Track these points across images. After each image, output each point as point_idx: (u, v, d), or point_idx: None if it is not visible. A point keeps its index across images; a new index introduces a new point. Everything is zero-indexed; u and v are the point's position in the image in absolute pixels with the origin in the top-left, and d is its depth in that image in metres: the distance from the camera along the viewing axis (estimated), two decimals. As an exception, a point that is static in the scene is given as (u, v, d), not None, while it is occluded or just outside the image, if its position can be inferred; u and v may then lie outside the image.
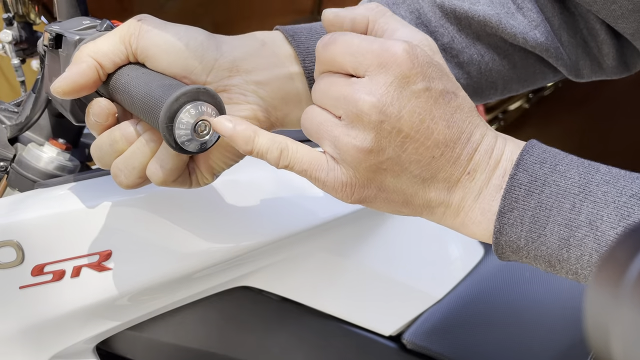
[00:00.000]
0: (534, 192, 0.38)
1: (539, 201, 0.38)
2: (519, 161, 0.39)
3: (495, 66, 0.57)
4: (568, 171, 0.38)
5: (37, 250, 0.55)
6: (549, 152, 0.40)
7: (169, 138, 0.41)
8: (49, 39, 0.49)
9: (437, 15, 0.56)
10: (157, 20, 0.47)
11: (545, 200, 0.38)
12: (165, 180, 0.46)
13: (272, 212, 0.63)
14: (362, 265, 0.71)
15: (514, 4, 0.56)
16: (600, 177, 0.38)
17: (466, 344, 0.76)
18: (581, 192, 0.38)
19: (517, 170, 0.39)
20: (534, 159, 0.39)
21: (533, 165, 0.39)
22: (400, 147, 0.39)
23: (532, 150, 0.40)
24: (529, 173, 0.39)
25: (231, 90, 0.47)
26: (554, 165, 0.39)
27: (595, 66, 0.60)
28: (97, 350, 0.64)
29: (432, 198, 0.41)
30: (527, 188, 0.38)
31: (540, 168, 0.39)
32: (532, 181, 0.38)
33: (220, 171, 0.48)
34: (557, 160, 0.39)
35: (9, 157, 0.61)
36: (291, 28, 0.51)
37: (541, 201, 0.38)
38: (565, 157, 0.39)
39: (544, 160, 0.39)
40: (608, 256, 0.22)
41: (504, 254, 0.40)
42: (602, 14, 0.53)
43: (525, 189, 0.39)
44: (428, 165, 0.39)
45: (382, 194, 0.41)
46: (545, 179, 0.38)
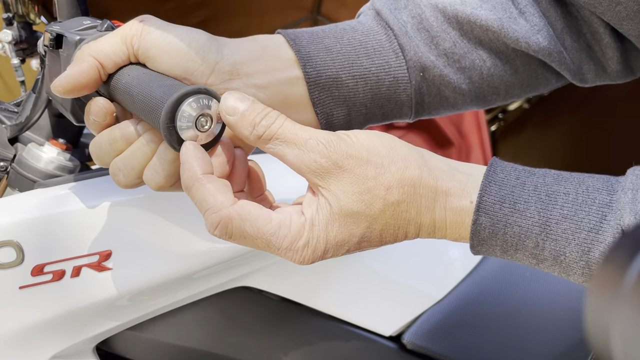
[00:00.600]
0: (497, 233, 0.40)
1: (504, 240, 0.41)
2: (478, 205, 0.40)
3: (497, 71, 0.57)
4: (527, 209, 0.40)
5: (37, 250, 0.55)
6: (506, 187, 0.41)
7: (169, 138, 0.41)
8: (49, 39, 0.49)
9: (439, 20, 0.55)
10: (159, 21, 0.47)
11: (510, 239, 0.40)
12: (162, 187, 0.46)
13: (272, 212, 0.63)
14: (362, 265, 0.71)
15: (516, 9, 0.55)
16: (558, 212, 0.39)
17: (466, 344, 0.76)
18: (542, 232, 0.39)
19: (479, 215, 0.40)
20: (492, 199, 0.40)
21: (493, 206, 0.40)
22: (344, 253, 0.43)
23: (489, 189, 0.41)
24: (490, 216, 0.40)
25: None
26: (513, 204, 0.40)
27: (599, 70, 0.59)
28: (97, 350, 0.64)
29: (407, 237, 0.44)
30: (490, 230, 0.41)
31: (500, 209, 0.40)
32: (494, 224, 0.40)
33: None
34: (515, 197, 0.40)
35: (9, 157, 0.61)
36: (292, 32, 0.52)
37: (506, 240, 0.41)
38: (522, 190, 0.40)
39: (503, 200, 0.40)
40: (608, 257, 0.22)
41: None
42: (606, 15, 0.52)
43: (489, 231, 0.41)
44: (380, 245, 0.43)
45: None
46: (507, 221, 0.40)
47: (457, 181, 0.42)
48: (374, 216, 0.41)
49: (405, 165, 0.41)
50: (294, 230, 0.41)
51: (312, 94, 0.51)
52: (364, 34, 0.53)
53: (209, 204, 0.40)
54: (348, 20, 0.56)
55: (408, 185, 0.41)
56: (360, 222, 0.41)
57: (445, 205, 0.41)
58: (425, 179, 0.41)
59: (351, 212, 0.40)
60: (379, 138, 0.42)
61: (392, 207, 0.41)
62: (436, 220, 0.42)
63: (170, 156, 0.44)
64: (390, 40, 0.54)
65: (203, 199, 0.40)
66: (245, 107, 0.41)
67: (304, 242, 0.41)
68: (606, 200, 0.38)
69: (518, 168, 0.42)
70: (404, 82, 0.54)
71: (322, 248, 0.41)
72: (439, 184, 0.41)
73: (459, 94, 0.57)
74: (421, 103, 0.56)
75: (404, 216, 0.41)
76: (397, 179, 0.40)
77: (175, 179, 0.46)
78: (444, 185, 0.41)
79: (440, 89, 0.56)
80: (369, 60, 0.53)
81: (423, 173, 0.41)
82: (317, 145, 0.40)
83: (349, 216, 0.40)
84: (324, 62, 0.51)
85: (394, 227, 0.42)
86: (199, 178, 0.40)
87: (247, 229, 0.40)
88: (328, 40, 0.52)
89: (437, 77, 0.55)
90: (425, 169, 0.41)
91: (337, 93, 0.52)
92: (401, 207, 0.41)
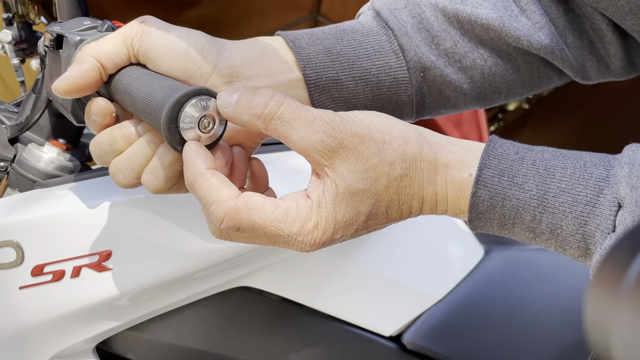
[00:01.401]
0: (496, 206, 0.41)
1: (502, 213, 0.41)
2: (477, 177, 0.41)
3: (498, 70, 0.57)
4: (525, 183, 0.40)
5: (37, 251, 0.55)
6: (505, 161, 0.41)
7: (170, 139, 0.41)
8: (50, 40, 0.49)
9: (439, 19, 0.55)
10: (159, 22, 0.47)
11: (508, 212, 0.41)
12: (160, 189, 0.46)
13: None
14: (362, 265, 0.71)
15: (518, 7, 0.55)
16: (556, 185, 0.39)
17: (466, 345, 0.76)
18: (540, 205, 0.40)
19: (478, 188, 0.41)
20: (491, 173, 0.41)
21: (492, 179, 0.41)
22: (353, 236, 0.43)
23: (489, 163, 0.41)
24: (489, 189, 0.41)
25: None
26: (511, 178, 0.40)
27: (602, 67, 0.59)
28: (97, 351, 0.64)
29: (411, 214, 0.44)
30: (489, 203, 0.41)
31: (499, 182, 0.40)
32: (493, 196, 0.41)
33: None
34: (514, 171, 0.40)
35: (9, 157, 0.61)
36: (292, 34, 0.51)
37: (504, 213, 0.41)
38: (521, 165, 0.41)
39: (502, 173, 0.41)
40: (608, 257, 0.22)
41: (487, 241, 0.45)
42: (609, 11, 0.52)
43: (487, 204, 0.41)
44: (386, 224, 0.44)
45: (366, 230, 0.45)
46: (505, 193, 0.40)
47: (456, 154, 0.42)
48: (379, 193, 0.41)
49: (405, 141, 0.41)
50: (302, 213, 0.41)
51: (312, 96, 0.51)
52: (364, 35, 0.53)
53: (213, 197, 0.40)
54: (348, 20, 0.56)
55: (410, 160, 0.41)
56: (367, 200, 0.41)
57: (446, 177, 0.42)
58: (425, 153, 0.42)
59: (357, 190, 0.40)
60: (377, 116, 0.42)
61: (396, 182, 0.41)
62: (438, 193, 0.42)
63: (169, 159, 0.44)
64: (391, 40, 0.54)
65: (208, 193, 0.40)
66: (238, 95, 0.41)
67: (313, 224, 0.41)
68: (603, 175, 0.39)
69: (517, 144, 0.42)
70: (404, 83, 0.54)
71: (331, 228, 0.41)
72: (438, 157, 0.42)
73: (460, 94, 0.57)
74: (422, 103, 0.56)
75: (408, 191, 0.42)
76: (399, 154, 0.41)
77: (174, 182, 0.46)
78: (444, 158, 0.42)
79: (441, 89, 0.56)
80: (369, 61, 0.53)
81: (423, 147, 0.42)
82: (322, 125, 0.40)
83: (355, 194, 0.40)
84: (324, 63, 0.51)
85: (399, 202, 0.42)
86: (203, 173, 0.41)
87: (255, 218, 0.40)
88: (328, 41, 0.52)
89: (438, 77, 0.55)
90: (424, 143, 0.42)
91: (337, 95, 0.52)
92: (404, 181, 0.41)
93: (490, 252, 0.83)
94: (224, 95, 0.41)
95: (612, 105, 2.56)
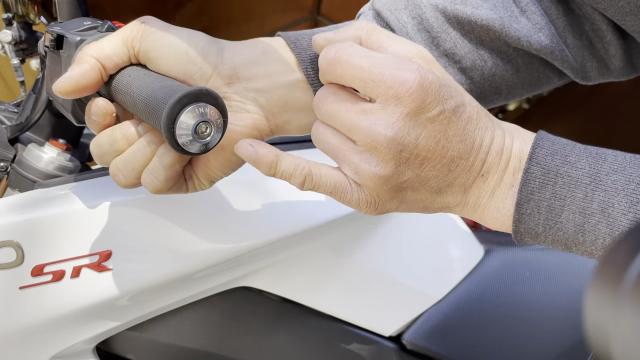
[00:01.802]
0: (547, 183, 0.40)
1: (553, 192, 0.40)
2: (531, 155, 0.41)
3: (498, 71, 0.57)
4: (578, 162, 0.40)
5: (37, 251, 0.55)
6: (558, 144, 0.41)
7: (171, 139, 0.41)
8: (50, 40, 0.49)
9: (439, 20, 0.55)
10: (160, 22, 0.47)
11: (559, 190, 0.40)
12: (160, 190, 0.46)
13: (272, 213, 0.63)
14: (362, 265, 0.71)
15: (518, 7, 0.55)
16: (609, 165, 0.40)
17: (466, 345, 0.76)
18: (592, 182, 0.40)
19: (531, 164, 0.41)
20: (545, 152, 0.41)
21: (545, 157, 0.41)
22: (418, 168, 0.41)
23: (542, 143, 0.41)
24: (542, 166, 0.41)
25: (230, 97, 0.47)
26: (564, 157, 0.41)
27: (602, 68, 0.59)
28: (97, 351, 0.64)
29: (449, 202, 0.43)
30: (541, 180, 0.40)
31: (552, 160, 0.41)
32: (546, 173, 0.40)
33: (218, 179, 0.49)
34: (567, 152, 0.41)
35: (9, 157, 0.61)
36: (293, 34, 0.51)
37: (555, 192, 0.40)
38: (574, 148, 0.41)
39: (554, 152, 0.41)
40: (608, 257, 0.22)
41: (523, 240, 0.43)
42: (609, 11, 0.52)
43: (539, 181, 0.41)
44: (445, 177, 0.42)
45: (403, 205, 0.44)
46: (558, 171, 0.40)
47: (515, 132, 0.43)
48: (464, 96, 0.41)
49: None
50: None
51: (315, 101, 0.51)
52: None
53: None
54: (348, 21, 0.56)
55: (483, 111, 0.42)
56: (455, 93, 0.41)
57: (512, 134, 0.43)
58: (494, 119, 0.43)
59: (448, 82, 0.41)
60: None
61: (477, 107, 0.42)
62: (505, 141, 0.42)
63: (169, 160, 0.44)
64: None
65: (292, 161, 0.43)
66: (328, 34, 0.44)
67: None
68: None
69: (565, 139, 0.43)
70: None
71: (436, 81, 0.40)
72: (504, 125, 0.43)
73: None
74: None
75: (483, 123, 0.42)
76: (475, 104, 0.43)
77: (173, 182, 0.46)
78: (507, 126, 0.43)
79: None
80: None
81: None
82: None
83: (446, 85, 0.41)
84: None
85: (477, 121, 0.41)
86: (277, 154, 0.42)
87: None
88: None
89: None
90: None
91: None
92: (482, 115, 0.42)
93: (490, 252, 0.83)
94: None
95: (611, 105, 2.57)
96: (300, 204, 0.66)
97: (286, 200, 0.65)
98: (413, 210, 0.44)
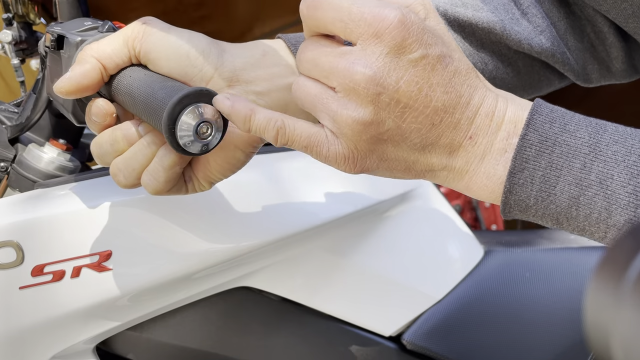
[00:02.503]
0: (544, 151, 0.38)
1: (550, 161, 0.38)
2: (529, 121, 0.39)
3: (499, 74, 0.57)
4: (578, 130, 0.38)
5: (37, 251, 0.55)
6: (557, 112, 0.40)
7: (171, 140, 0.41)
8: (50, 40, 0.49)
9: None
10: (161, 24, 0.47)
11: (556, 160, 0.38)
12: (159, 191, 0.46)
13: (272, 213, 0.64)
14: (362, 265, 0.71)
15: (519, 10, 0.55)
16: (609, 136, 0.38)
17: (466, 345, 0.76)
18: (591, 152, 0.38)
19: (528, 130, 0.39)
20: (543, 119, 0.39)
21: (543, 125, 0.39)
22: (399, 118, 0.38)
23: (540, 110, 0.39)
24: (539, 133, 0.38)
25: None
26: (563, 125, 0.39)
27: (603, 70, 0.59)
28: (97, 351, 0.64)
29: (434, 163, 0.41)
30: (537, 148, 0.38)
31: (550, 128, 0.39)
32: (543, 141, 0.38)
33: (218, 181, 0.49)
34: (566, 120, 0.39)
35: (10, 157, 0.61)
36: (293, 36, 0.51)
37: (552, 161, 0.38)
38: (573, 117, 0.39)
39: (553, 120, 0.39)
40: (608, 256, 0.23)
41: (511, 213, 0.40)
42: (611, 13, 0.52)
43: (536, 148, 0.38)
44: (428, 133, 0.39)
45: (384, 163, 0.41)
46: (556, 139, 0.38)
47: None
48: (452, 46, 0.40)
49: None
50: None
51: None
52: None
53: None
54: None
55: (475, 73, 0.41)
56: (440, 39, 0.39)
57: (507, 98, 0.41)
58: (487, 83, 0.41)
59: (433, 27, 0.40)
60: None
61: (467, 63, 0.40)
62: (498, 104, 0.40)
63: (169, 161, 0.44)
64: None
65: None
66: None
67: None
68: None
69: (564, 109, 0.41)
70: None
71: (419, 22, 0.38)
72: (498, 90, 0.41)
73: None
74: None
75: (473, 82, 0.40)
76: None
77: (173, 184, 0.46)
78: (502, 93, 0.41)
79: None
80: None
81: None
82: None
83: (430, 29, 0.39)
84: None
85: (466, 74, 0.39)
86: (252, 108, 0.41)
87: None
88: None
89: None
90: None
91: None
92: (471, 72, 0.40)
93: (490, 253, 0.84)
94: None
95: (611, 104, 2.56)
96: (300, 204, 0.66)
97: (286, 201, 0.65)
98: (395, 170, 0.41)
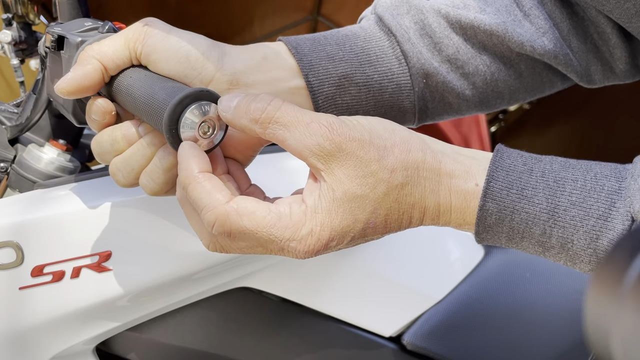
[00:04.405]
0: (504, 219, 0.40)
1: (511, 227, 0.40)
2: (486, 190, 0.40)
3: (501, 76, 0.57)
4: (535, 196, 0.39)
5: (36, 251, 0.55)
6: (513, 172, 0.40)
7: (171, 140, 0.41)
8: (51, 41, 0.49)
9: (442, 26, 0.55)
10: (162, 25, 0.47)
11: (517, 226, 0.40)
12: (157, 192, 0.46)
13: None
14: (362, 266, 0.71)
15: (521, 11, 0.55)
16: (567, 198, 0.39)
17: (466, 345, 0.76)
18: (550, 219, 0.39)
19: (486, 200, 0.40)
20: (500, 185, 0.40)
21: (500, 192, 0.40)
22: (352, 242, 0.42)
23: (497, 175, 0.40)
24: (497, 202, 0.40)
25: None
26: (520, 191, 0.39)
27: (607, 71, 0.59)
28: (97, 351, 0.64)
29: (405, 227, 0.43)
30: (497, 217, 0.40)
31: (508, 195, 0.39)
32: (501, 210, 0.40)
33: None
34: (523, 184, 0.40)
35: (9, 158, 0.61)
36: (294, 39, 0.51)
37: (512, 227, 0.40)
38: (530, 177, 0.40)
39: (510, 186, 0.40)
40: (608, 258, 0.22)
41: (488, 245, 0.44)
42: (614, 13, 0.51)
43: (495, 217, 0.40)
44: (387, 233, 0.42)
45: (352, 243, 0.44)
46: (514, 207, 0.39)
47: (461, 163, 0.41)
48: (378, 200, 0.40)
49: (407, 148, 0.40)
50: (295, 218, 0.39)
51: (315, 103, 0.51)
52: (366, 41, 0.53)
53: (204, 202, 0.39)
54: (348, 21, 0.56)
55: (412, 168, 0.40)
56: (365, 207, 0.39)
57: (450, 187, 0.41)
58: (428, 161, 0.40)
59: (355, 195, 0.39)
60: (380, 122, 0.41)
61: (396, 191, 0.40)
62: (441, 204, 0.41)
63: (168, 163, 0.44)
64: (393, 46, 0.53)
65: (199, 197, 0.40)
66: (238, 100, 0.41)
67: (307, 230, 0.39)
68: (615, 187, 0.38)
69: (524, 155, 0.41)
70: (407, 89, 0.54)
71: (326, 236, 0.40)
72: (442, 166, 0.41)
73: (462, 100, 0.57)
74: (424, 110, 0.56)
75: (408, 200, 0.40)
76: (401, 161, 0.40)
77: (171, 186, 0.46)
78: (448, 168, 0.41)
79: (444, 95, 0.56)
80: (372, 67, 0.52)
81: (426, 156, 0.40)
82: (319, 128, 0.39)
83: (353, 200, 0.39)
84: (327, 70, 0.51)
85: (398, 211, 0.41)
86: (195, 176, 0.40)
87: (245, 224, 0.39)
88: (330, 47, 0.52)
89: (440, 84, 0.55)
90: (428, 151, 0.41)
91: (340, 101, 0.52)
92: (405, 190, 0.40)
93: (490, 253, 0.84)
94: (225, 99, 0.41)
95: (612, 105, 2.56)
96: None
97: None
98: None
